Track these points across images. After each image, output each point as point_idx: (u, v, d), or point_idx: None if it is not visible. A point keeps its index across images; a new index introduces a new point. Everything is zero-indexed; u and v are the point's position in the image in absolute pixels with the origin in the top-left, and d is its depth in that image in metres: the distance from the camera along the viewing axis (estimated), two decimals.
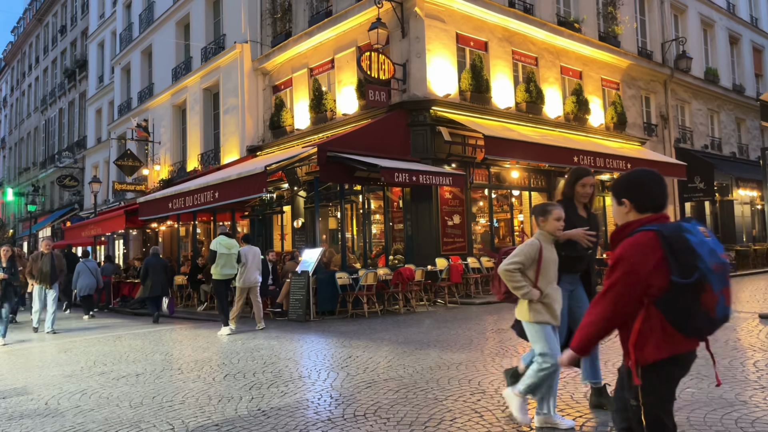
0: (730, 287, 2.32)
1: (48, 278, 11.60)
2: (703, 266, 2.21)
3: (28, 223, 36.75)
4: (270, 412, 4.88)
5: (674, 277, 2.23)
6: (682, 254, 2.23)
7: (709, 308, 2.24)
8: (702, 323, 2.28)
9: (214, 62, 20.03)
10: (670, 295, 2.26)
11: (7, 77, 52.80)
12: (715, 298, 2.24)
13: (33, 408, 5.46)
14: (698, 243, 2.25)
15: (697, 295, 2.22)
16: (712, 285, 2.21)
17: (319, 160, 12.23)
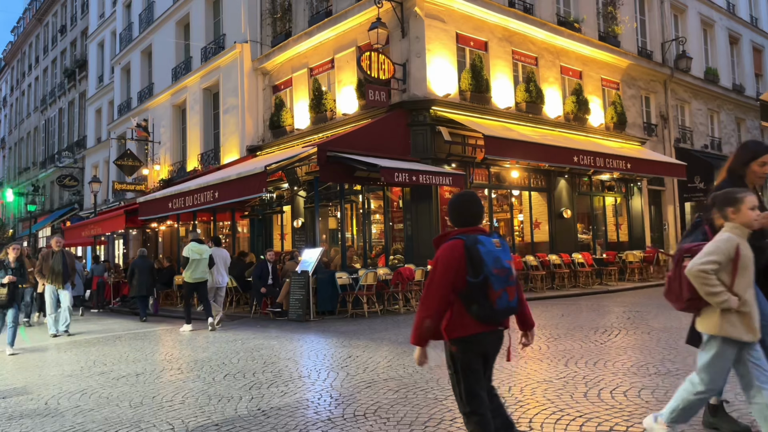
0: (513, 287, 3.08)
1: (60, 278, 10.96)
2: (487, 270, 2.97)
3: (27, 223, 36.75)
4: (270, 412, 4.88)
5: (468, 278, 2.98)
6: (474, 260, 2.98)
7: (492, 301, 3.00)
8: (488, 312, 3.02)
9: (214, 62, 20.03)
10: (466, 290, 3.00)
11: (7, 77, 52.79)
12: (498, 294, 3.00)
13: (33, 408, 5.46)
14: (486, 252, 3.00)
15: (484, 291, 2.98)
16: (493, 284, 2.98)
17: (319, 160, 12.23)
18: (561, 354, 6.68)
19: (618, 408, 4.46)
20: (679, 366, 5.79)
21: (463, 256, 3.00)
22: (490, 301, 2.99)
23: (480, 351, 3.15)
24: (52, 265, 10.96)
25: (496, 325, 3.12)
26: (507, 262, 3.06)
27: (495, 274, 2.98)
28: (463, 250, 3.01)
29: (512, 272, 3.09)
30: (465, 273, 2.98)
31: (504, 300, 3.03)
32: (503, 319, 3.14)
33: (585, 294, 13.96)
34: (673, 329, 8.09)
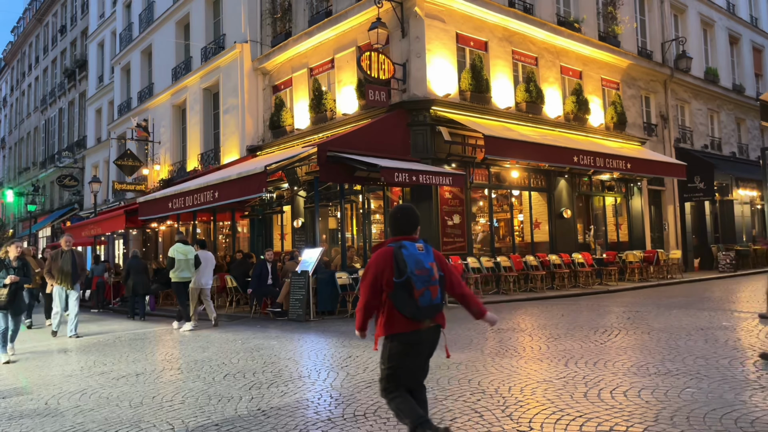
0: (436, 286, 3.45)
1: (69, 278, 10.50)
2: (410, 271, 3.37)
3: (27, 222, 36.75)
4: (270, 412, 4.88)
5: (394, 278, 3.40)
6: (398, 263, 3.40)
7: (416, 299, 3.38)
8: (413, 309, 3.39)
9: (214, 62, 20.03)
10: (394, 291, 3.41)
11: (7, 77, 52.80)
12: (420, 292, 3.38)
13: (33, 408, 5.46)
14: (408, 255, 3.42)
15: (408, 290, 3.37)
16: (416, 284, 3.37)
17: (319, 160, 12.23)
18: (561, 354, 6.69)
19: (618, 408, 4.46)
20: (678, 366, 5.79)
21: (391, 260, 3.44)
22: (414, 299, 3.38)
23: (411, 348, 3.48)
24: (61, 265, 10.52)
25: (423, 321, 3.46)
26: (429, 264, 3.46)
27: (417, 274, 3.40)
28: (391, 256, 3.45)
29: (434, 273, 3.47)
30: (392, 275, 3.41)
31: (427, 297, 3.41)
32: (429, 316, 3.47)
33: (585, 294, 13.96)
34: (673, 329, 8.09)
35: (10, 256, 8.41)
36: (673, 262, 18.38)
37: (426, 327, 3.47)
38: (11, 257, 8.41)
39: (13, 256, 8.43)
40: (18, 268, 8.37)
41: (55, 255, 10.70)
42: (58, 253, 10.68)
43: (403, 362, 3.48)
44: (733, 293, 13.24)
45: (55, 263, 10.57)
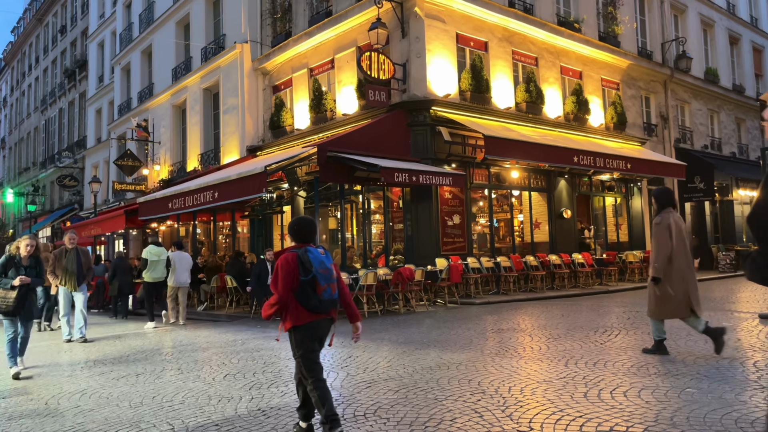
0: (335, 284, 4.14)
1: (74, 278, 9.81)
2: (315, 270, 4.02)
3: (27, 223, 36.76)
4: (270, 412, 4.88)
5: (301, 277, 4.02)
6: (305, 264, 4.03)
7: (319, 294, 4.04)
8: (316, 303, 4.05)
9: (214, 62, 20.03)
10: (300, 288, 4.03)
11: (7, 77, 52.80)
12: (323, 288, 4.05)
13: (33, 408, 5.46)
14: (313, 258, 4.06)
15: (313, 286, 4.02)
16: (320, 281, 4.03)
17: (319, 160, 12.23)
18: (561, 354, 6.68)
19: (618, 408, 4.46)
20: (678, 366, 5.79)
21: (297, 263, 4.05)
22: (317, 294, 4.04)
23: (314, 335, 4.15)
24: (66, 265, 9.82)
25: (325, 313, 4.14)
26: (330, 265, 4.14)
27: (321, 273, 4.06)
28: (296, 259, 4.06)
29: (334, 273, 4.17)
30: (298, 275, 4.03)
31: (328, 293, 4.09)
32: (329, 309, 4.15)
33: (585, 294, 13.95)
34: (673, 329, 8.08)
35: (21, 253, 7.30)
36: None
37: (323, 318, 4.14)
38: (22, 254, 7.31)
39: (24, 253, 7.31)
40: (30, 267, 7.28)
41: (59, 254, 9.98)
42: (62, 251, 9.95)
43: (308, 347, 4.11)
44: (733, 293, 13.24)
45: (59, 262, 9.87)
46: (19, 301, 7.01)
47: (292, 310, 4.08)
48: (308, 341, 4.11)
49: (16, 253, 7.27)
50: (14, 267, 7.16)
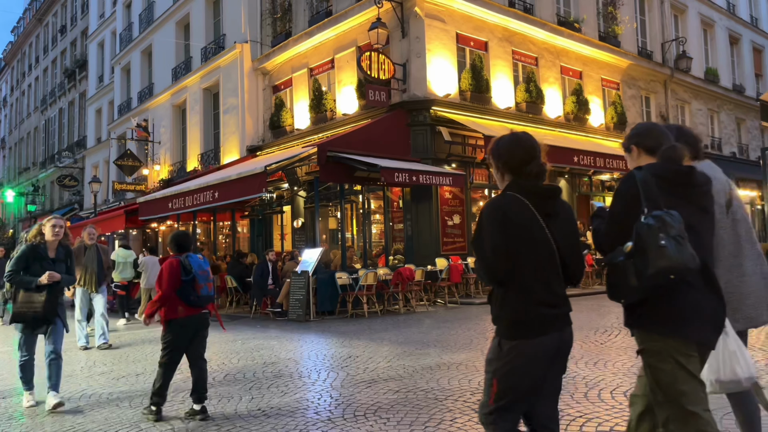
0: (211, 283, 4.99)
1: (94, 278, 8.80)
2: (194, 272, 4.83)
3: (27, 223, 36.74)
4: (270, 411, 4.88)
5: (183, 277, 4.78)
6: (185, 267, 4.83)
7: (198, 291, 4.84)
8: (195, 298, 4.85)
9: (214, 62, 20.03)
10: (182, 287, 4.80)
11: (7, 77, 52.81)
12: (201, 287, 4.86)
13: (33, 408, 5.46)
14: (193, 261, 4.88)
15: (193, 285, 4.82)
16: (199, 280, 4.85)
17: (319, 160, 12.23)
18: None
19: (618, 408, 4.46)
20: None
21: (179, 266, 4.82)
22: (196, 291, 4.84)
23: (188, 330, 4.88)
24: (85, 263, 8.76)
25: (201, 308, 4.95)
26: (207, 268, 5.03)
27: (200, 274, 4.87)
28: (178, 263, 4.83)
29: (210, 274, 5.05)
30: (180, 276, 4.78)
31: (205, 290, 4.92)
32: (206, 303, 4.98)
33: (585, 294, 13.95)
34: None
35: (47, 238, 5.46)
36: None
37: (198, 314, 4.94)
38: (48, 239, 5.45)
39: (50, 237, 5.45)
40: (58, 260, 5.47)
41: (77, 250, 8.61)
42: (81, 248, 8.81)
43: (177, 340, 4.87)
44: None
45: (78, 260, 8.45)
46: (49, 306, 5.24)
47: (171, 305, 4.83)
48: (180, 335, 4.87)
49: (40, 241, 5.42)
50: (38, 260, 5.32)
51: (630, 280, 2.40)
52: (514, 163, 2.55)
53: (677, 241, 2.29)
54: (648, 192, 2.45)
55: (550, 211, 2.52)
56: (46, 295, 5.23)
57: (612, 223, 2.59)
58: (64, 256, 5.54)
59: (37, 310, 5.22)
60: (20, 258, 5.31)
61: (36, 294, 5.22)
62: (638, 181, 2.49)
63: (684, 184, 2.54)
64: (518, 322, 2.47)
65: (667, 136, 2.69)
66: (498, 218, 2.48)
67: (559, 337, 2.51)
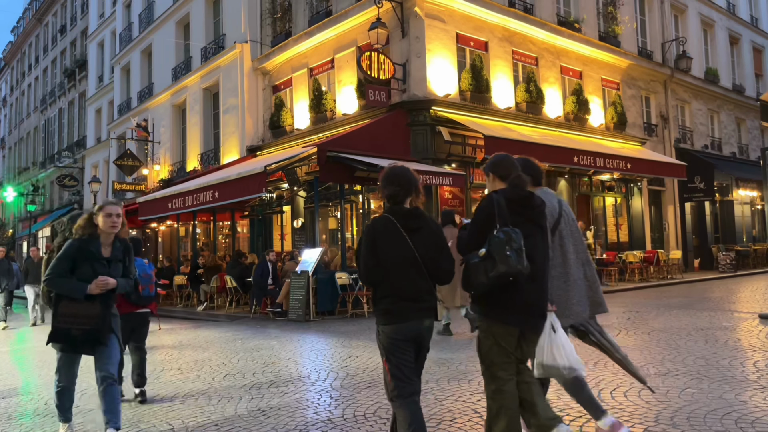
0: (152, 285, 5.78)
1: None
2: (138, 274, 5.08)
3: (27, 222, 36.74)
4: (270, 412, 4.88)
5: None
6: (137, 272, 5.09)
7: (140, 291, 5.43)
8: (137, 298, 5.44)
9: (214, 62, 20.02)
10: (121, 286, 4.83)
11: (7, 77, 52.79)
12: (143, 287, 5.47)
13: (33, 408, 5.46)
14: (138, 265, 5.22)
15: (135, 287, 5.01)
16: (141, 282, 5.40)
17: (319, 160, 12.23)
18: None
19: (618, 408, 4.46)
20: (679, 366, 5.78)
21: None
22: (138, 292, 5.39)
23: (127, 326, 5.30)
24: None
25: (141, 306, 5.68)
26: (150, 272, 5.78)
27: (142, 277, 5.48)
28: None
29: (153, 277, 5.82)
30: None
31: (146, 291, 5.62)
32: (146, 303, 5.72)
33: None
34: (673, 329, 8.08)
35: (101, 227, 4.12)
36: (673, 262, 18.37)
37: (141, 310, 5.67)
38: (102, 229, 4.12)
39: (107, 230, 4.13)
40: (114, 260, 4.20)
41: None
42: None
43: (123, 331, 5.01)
44: (733, 293, 13.24)
45: None
46: (101, 321, 4.05)
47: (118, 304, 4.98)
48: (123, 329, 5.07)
49: (91, 234, 4.10)
50: (88, 261, 4.06)
51: (480, 278, 3.14)
52: (388, 193, 3.39)
53: (517, 252, 3.04)
54: (500, 211, 3.19)
55: (414, 227, 3.31)
56: (99, 306, 4.03)
57: (472, 233, 3.32)
58: (121, 254, 4.23)
59: (86, 326, 4.00)
60: (64, 258, 4.06)
61: (84, 305, 4.00)
62: (494, 202, 3.23)
63: (525, 205, 3.31)
64: (387, 312, 3.31)
65: (516, 167, 3.42)
66: (369, 239, 3.34)
67: (420, 323, 3.33)
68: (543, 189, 3.74)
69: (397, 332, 3.29)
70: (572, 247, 3.72)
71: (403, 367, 3.31)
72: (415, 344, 3.35)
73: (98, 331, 4.09)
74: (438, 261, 3.34)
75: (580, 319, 3.77)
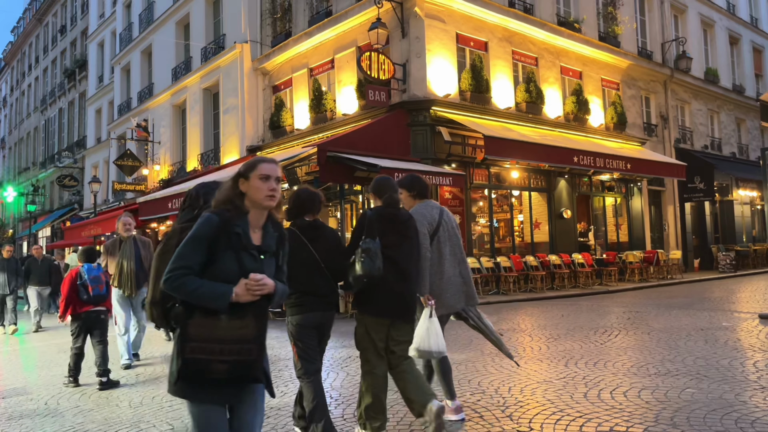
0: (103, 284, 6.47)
1: (132, 279, 7.25)
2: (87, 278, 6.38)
3: (27, 223, 36.74)
4: (269, 412, 4.87)
5: (78, 282, 6.32)
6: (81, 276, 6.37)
7: (90, 292, 6.37)
8: (88, 298, 6.35)
9: (214, 62, 20.02)
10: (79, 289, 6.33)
11: (7, 77, 52.80)
12: (92, 288, 6.35)
13: (33, 408, 5.46)
14: (87, 270, 6.46)
15: (86, 287, 6.29)
16: (90, 284, 6.36)
17: (319, 160, 12.23)
18: (561, 354, 6.68)
19: (618, 408, 4.46)
20: (679, 366, 5.79)
21: (78, 274, 6.39)
22: (89, 292, 6.32)
23: (84, 324, 6.44)
24: (119, 260, 7.23)
25: (95, 305, 6.44)
26: (100, 274, 6.49)
27: (91, 279, 6.36)
28: (76, 272, 6.42)
29: (102, 279, 6.47)
30: (76, 281, 6.35)
31: (96, 291, 6.37)
32: (98, 302, 6.45)
33: (585, 294, 13.96)
34: (673, 330, 8.09)
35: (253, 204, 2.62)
36: (673, 262, 18.38)
37: (92, 310, 6.43)
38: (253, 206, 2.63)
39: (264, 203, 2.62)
40: (266, 250, 2.65)
41: (111, 245, 7.46)
42: (115, 242, 7.44)
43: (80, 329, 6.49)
44: (733, 293, 13.24)
45: (112, 257, 7.35)
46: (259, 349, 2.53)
47: (74, 304, 6.40)
48: (79, 329, 6.50)
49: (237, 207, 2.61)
50: (232, 248, 2.54)
51: (348, 279, 3.90)
52: (293, 212, 4.16)
53: (371, 259, 3.75)
54: (370, 226, 3.89)
55: (314, 236, 4.08)
56: (253, 323, 2.47)
57: (350, 243, 4.06)
58: (276, 244, 2.70)
59: (237, 356, 2.41)
60: (197, 240, 2.51)
61: (231, 322, 2.43)
62: (367, 217, 3.97)
63: (393, 220, 4.05)
64: (295, 305, 4.05)
65: (391, 187, 4.13)
66: None
67: (322, 315, 4.08)
68: (426, 202, 4.44)
69: (303, 321, 4.03)
70: (449, 250, 4.37)
71: (308, 350, 4.03)
72: (318, 331, 4.08)
73: (253, 365, 2.46)
74: (334, 262, 4.07)
75: (454, 309, 4.42)
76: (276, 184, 2.62)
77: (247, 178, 2.61)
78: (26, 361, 8.43)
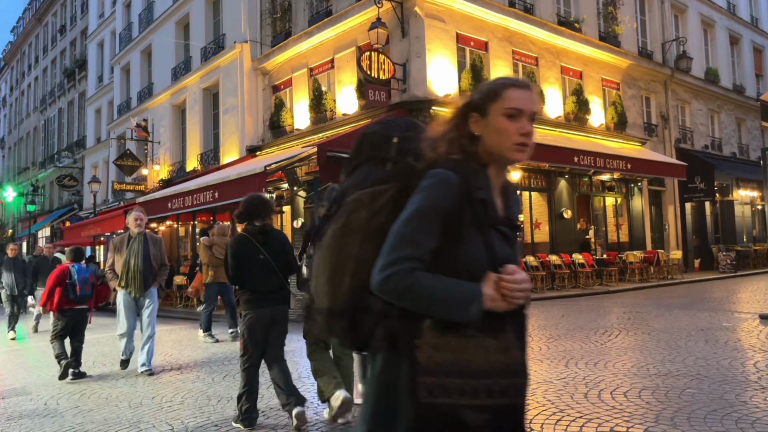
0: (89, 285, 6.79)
1: (139, 279, 6.77)
2: (76, 278, 6.67)
3: (27, 223, 36.72)
4: (269, 412, 4.87)
5: (67, 280, 6.69)
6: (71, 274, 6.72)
7: (77, 292, 6.68)
8: (75, 296, 6.67)
9: (214, 62, 20.01)
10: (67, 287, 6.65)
11: (7, 77, 52.79)
12: (79, 288, 6.67)
13: (32, 408, 5.45)
14: (77, 270, 6.72)
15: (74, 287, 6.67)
16: (78, 284, 6.66)
17: (319, 160, 12.21)
18: (561, 355, 6.67)
19: (618, 409, 4.45)
20: (679, 367, 5.78)
21: (67, 272, 6.66)
22: (76, 292, 6.61)
23: (70, 321, 6.73)
24: (127, 258, 6.77)
25: (80, 304, 6.75)
26: (87, 275, 6.73)
27: (79, 279, 6.63)
28: (66, 269, 6.70)
29: (89, 280, 6.73)
30: (64, 278, 6.64)
31: (83, 290, 6.66)
32: (83, 301, 6.75)
33: (585, 294, 13.95)
34: (674, 330, 8.08)
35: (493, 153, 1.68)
36: (674, 262, 18.37)
37: (79, 308, 6.77)
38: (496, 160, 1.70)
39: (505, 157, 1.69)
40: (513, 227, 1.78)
41: (119, 242, 6.99)
42: (124, 239, 6.96)
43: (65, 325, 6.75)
44: (734, 294, 13.23)
45: (119, 255, 6.87)
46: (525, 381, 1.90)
47: (60, 300, 6.64)
48: (65, 325, 6.74)
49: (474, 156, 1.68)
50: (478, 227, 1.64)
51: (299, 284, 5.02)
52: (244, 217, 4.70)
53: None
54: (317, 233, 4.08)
55: (264, 241, 4.61)
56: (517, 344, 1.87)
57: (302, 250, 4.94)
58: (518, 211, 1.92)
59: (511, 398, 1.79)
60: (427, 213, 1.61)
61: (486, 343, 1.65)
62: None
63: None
64: (248, 301, 4.52)
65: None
66: (233, 252, 4.64)
67: (272, 310, 4.52)
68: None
69: (255, 316, 4.47)
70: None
71: (253, 344, 4.48)
72: (272, 326, 4.54)
73: (521, 413, 1.84)
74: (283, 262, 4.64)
75: None
76: (531, 124, 1.69)
77: (485, 112, 1.67)
78: (26, 361, 8.42)
